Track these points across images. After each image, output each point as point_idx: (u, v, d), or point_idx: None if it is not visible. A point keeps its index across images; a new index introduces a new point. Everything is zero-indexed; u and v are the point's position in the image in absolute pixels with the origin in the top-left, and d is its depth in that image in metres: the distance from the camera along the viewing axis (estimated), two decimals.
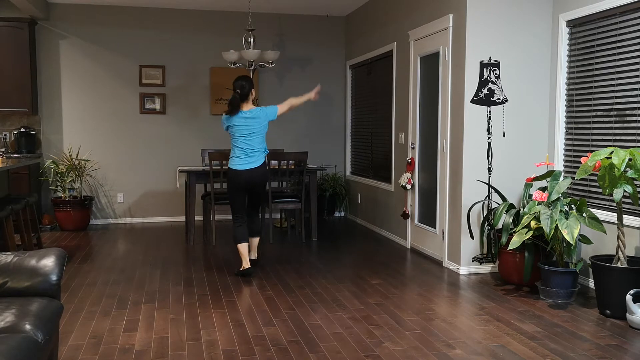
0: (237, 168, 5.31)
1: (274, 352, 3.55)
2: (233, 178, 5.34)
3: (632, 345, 3.65)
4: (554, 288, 4.54)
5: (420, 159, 6.27)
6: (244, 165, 5.30)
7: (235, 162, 5.33)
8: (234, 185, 5.37)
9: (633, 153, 4.03)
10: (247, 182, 5.33)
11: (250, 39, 7.10)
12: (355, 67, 8.46)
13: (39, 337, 2.54)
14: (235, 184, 5.35)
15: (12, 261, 2.98)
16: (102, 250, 6.50)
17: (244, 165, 5.30)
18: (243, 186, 5.36)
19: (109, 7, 8.09)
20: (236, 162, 5.33)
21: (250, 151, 5.31)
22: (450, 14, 5.50)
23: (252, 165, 5.31)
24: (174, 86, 8.35)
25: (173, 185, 8.41)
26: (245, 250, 5.41)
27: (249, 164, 5.30)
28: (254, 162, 5.31)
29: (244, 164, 5.30)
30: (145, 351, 3.57)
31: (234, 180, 5.34)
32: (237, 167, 5.31)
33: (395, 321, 4.12)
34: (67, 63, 8.02)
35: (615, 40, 4.70)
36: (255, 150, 5.32)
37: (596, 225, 4.39)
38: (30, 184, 7.42)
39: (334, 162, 8.96)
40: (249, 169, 5.30)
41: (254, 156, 5.31)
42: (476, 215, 5.42)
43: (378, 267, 5.68)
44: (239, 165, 5.31)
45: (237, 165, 5.32)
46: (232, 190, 5.41)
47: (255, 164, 5.32)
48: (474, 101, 5.33)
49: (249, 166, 5.30)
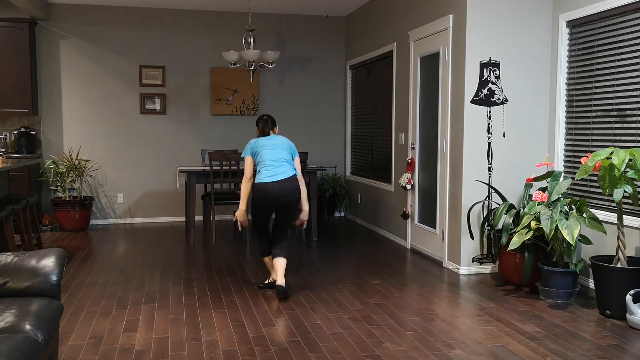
0: (266, 181, 4.60)
1: (274, 352, 3.55)
2: (260, 192, 4.62)
3: (632, 346, 3.65)
4: (554, 288, 4.54)
5: (420, 159, 6.27)
6: (273, 177, 4.61)
7: (264, 175, 4.63)
8: (259, 202, 4.65)
9: (633, 153, 4.03)
10: (275, 197, 4.60)
11: (250, 39, 7.10)
12: (355, 67, 8.46)
13: (39, 337, 2.54)
14: (262, 200, 4.63)
15: (12, 261, 2.99)
16: (102, 250, 6.50)
17: (273, 177, 4.61)
18: (270, 203, 4.64)
19: (109, 7, 8.09)
20: (264, 175, 4.63)
21: (279, 164, 4.66)
22: (450, 14, 5.50)
23: (283, 176, 4.62)
24: (174, 86, 8.35)
25: (173, 185, 8.41)
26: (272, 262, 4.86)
27: (279, 175, 4.62)
28: (284, 172, 4.63)
29: (272, 176, 4.61)
30: (145, 351, 3.57)
31: (260, 194, 4.62)
32: (266, 179, 4.60)
33: (395, 321, 4.12)
34: (67, 63, 8.02)
35: (615, 40, 4.70)
36: (284, 163, 4.68)
37: (596, 225, 4.39)
38: (30, 184, 7.42)
39: (334, 162, 8.96)
40: (279, 181, 4.60)
41: (283, 167, 4.65)
42: (476, 215, 5.42)
43: (378, 267, 5.68)
44: (267, 178, 4.60)
45: (265, 178, 4.61)
46: (256, 207, 4.70)
47: (285, 175, 4.63)
48: (474, 101, 5.33)
49: (279, 177, 4.61)
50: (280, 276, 4.69)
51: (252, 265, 5.77)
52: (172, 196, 8.46)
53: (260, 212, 4.72)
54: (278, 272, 4.72)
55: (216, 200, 6.68)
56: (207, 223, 7.10)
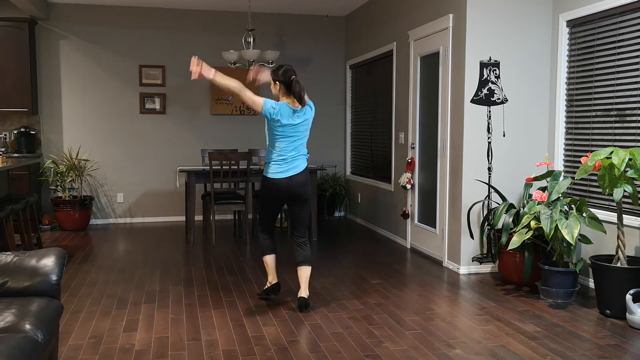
0: (275, 177, 4.35)
1: (274, 352, 3.55)
2: (268, 188, 4.40)
3: (632, 345, 3.65)
4: (554, 288, 4.54)
5: (420, 159, 6.27)
6: (284, 173, 4.35)
7: (274, 170, 4.37)
8: (268, 196, 4.44)
9: (633, 153, 4.03)
10: (286, 192, 4.40)
11: (250, 38, 7.10)
12: (355, 67, 8.46)
13: (39, 337, 2.54)
14: (271, 194, 4.42)
15: (12, 261, 2.98)
16: (102, 250, 6.50)
17: (284, 172, 4.35)
18: (280, 197, 4.43)
19: (109, 7, 8.08)
20: (274, 170, 4.36)
21: (292, 157, 4.38)
22: (450, 14, 5.50)
23: (293, 172, 4.36)
24: (174, 86, 8.35)
25: (173, 185, 8.41)
26: (272, 262, 4.57)
27: (290, 171, 4.36)
28: (295, 167, 4.37)
29: (283, 172, 4.35)
30: (145, 351, 3.57)
31: (269, 190, 4.41)
32: (275, 175, 4.36)
33: (395, 321, 4.12)
34: (67, 63, 8.02)
35: (615, 40, 4.70)
36: (297, 157, 4.39)
37: (596, 225, 4.39)
38: (30, 184, 7.41)
39: (334, 162, 8.96)
40: (289, 177, 4.36)
41: (296, 161, 4.38)
42: (476, 215, 5.42)
43: (378, 267, 5.68)
44: (277, 174, 4.35)
45: (274, 174, 4.36)
46: (265, 200, 4.49)
47: (296, 170, 4.37)
48: (474, 101, 5.33)
49: (289, 173, 4.36)
50: (305, 287, 4.43)
51: (252, 265, 5.77)
52: (172, 196, 8.46)
53: (267, 205, 4.50)
54: (302, 282, 4.44)
55: (216, 200, 6.68)
56: (207, 223, 7.10)
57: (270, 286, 4.57)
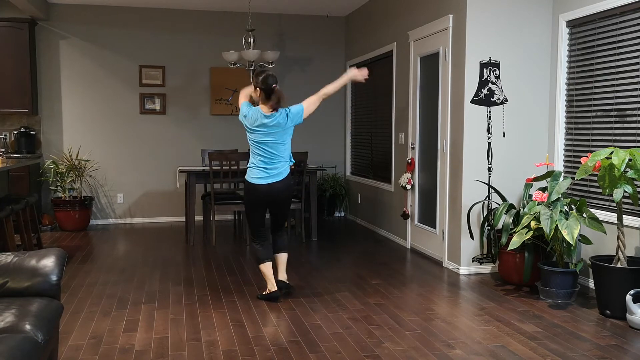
0: (255, 182, 4.46)
1: (274, 352, 3.55)
2: (250, 192, 4.52)
3: (632, 346, 3.65)
4: (554, 288, 4.54)
5: (420, 159, 6.27)
6: (263, 179, 4.45)
7: (254, 174, 4.48)
8: (251, 200, 4.55)
9: (633, 153, 4.03)
10: (266, 197, 4.50)
11: (250, 39, 7.10)
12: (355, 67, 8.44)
13: (39, 337, 2.54)
14: (253, 198, 4.52)
15: (12, 261, 2.98)
16: (102, 250, 6.50)
17: (263, 179, 4.45)
18: (262, 201, 4.54)
19: (109, 7, 8.09)
20: (254, 175, 4.48)
21: (271, 161, 4.46)
22: (450, 14, 5.50)
23: (273, 179, 4.45)
24: (174, 86, 8.35)
25: (173, 185, 8.41)
26: (269, 270, 4.59)
27: (269, 178, 4.45)
28: (275, 175, 4.46)
29: (262, 178, 4.45)
30: (145, 351, 3.57)
31: (251, 194, 4.52)
32: (254, 180, 4.46)
33: (395, 321, 4.12)
34: (67, 63, 8.02)
35: (615, 40, 4.70)
36: (277, 160, 4.47)
37: (596, 225, 4.39)
38: (30, 184, 7.42)
39: (334, 162, 8.96)
40: (269, 184, 4.45)
41: (275, 167, 4.46)
42: (476, 215, 5.42)
43: (378, 267, 5.68)
44: (257, 179, 4.46)
45: (254, 179, 4.47)
46: (249, 205, 4.59)
47: (276, 178, 4.46)
48: (474, 101, 5.33)
49: (268, 180, 4.45)
50: (282, 271, 4.73)
51: (252, 265, 5.77)
52: (172, 196, 8.46)
53: (252, 209, 4.60)
54: (280, 267, 4.74)
55: (216, 200, 6.68)
56: (207, 223, 7.10)
57: (270, 292, 4.59)
